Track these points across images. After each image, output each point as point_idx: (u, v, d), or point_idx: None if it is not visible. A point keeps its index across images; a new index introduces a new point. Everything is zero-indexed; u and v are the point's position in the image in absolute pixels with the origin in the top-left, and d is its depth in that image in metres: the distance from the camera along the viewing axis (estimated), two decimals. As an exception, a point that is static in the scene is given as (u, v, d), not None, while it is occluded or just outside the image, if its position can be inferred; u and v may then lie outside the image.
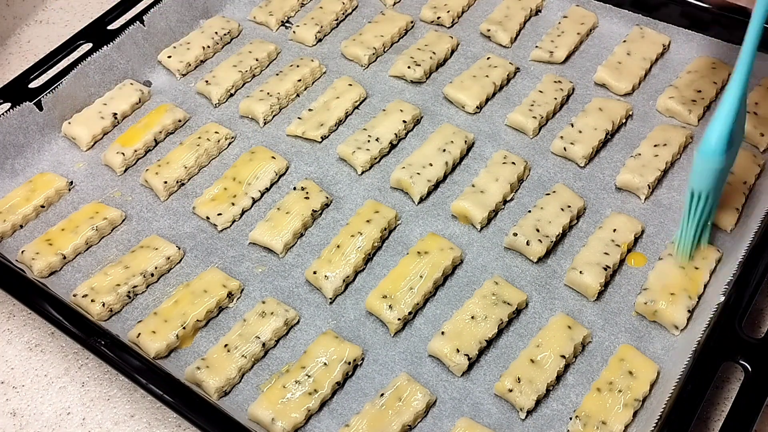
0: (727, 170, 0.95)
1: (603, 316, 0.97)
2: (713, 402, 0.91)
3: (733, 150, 0.93)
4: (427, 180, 1.10)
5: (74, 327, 0.93)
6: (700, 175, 0.93)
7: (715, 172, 0.92)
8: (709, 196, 0.94)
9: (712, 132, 0.90)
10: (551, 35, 1.28)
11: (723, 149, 0.90)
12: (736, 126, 0.91)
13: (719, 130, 0.90)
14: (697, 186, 0.94)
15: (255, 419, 0.89)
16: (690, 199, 0.95)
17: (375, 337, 0.97)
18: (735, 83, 0.89)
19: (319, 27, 1.33)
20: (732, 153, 0.93)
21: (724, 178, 0.97)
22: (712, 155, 0.91)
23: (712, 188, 0.94)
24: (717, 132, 0.90)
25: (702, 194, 0.94)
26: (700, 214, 0.96)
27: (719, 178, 0.94)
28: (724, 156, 0.91)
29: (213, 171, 1.16)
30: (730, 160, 0.94)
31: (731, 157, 0.94)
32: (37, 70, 1.22)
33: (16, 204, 1.10)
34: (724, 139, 0.90)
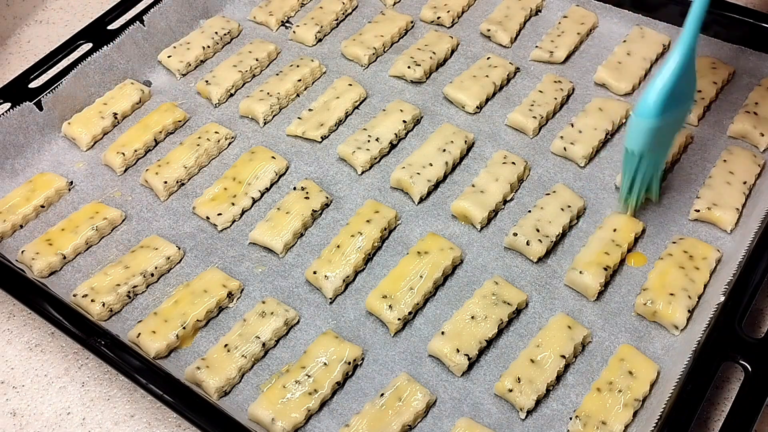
0: (669, 132, 0.97)
1: (603, 316, 0.97)
2: (713, 402, 0.91)
3: (674, 113, 0.94)
4: (427, 180, 1.10)
5: (74, 327, 0.93)
6: (634, 134, 0.95)
7: (648, 132, 0.94)
8: (644, 155, 0.96)
9: (647, 93, 0.92)
10: (551, 35, 1.28)
11: (656, 111, 0.91)
12: (678, 89, 0.91)
13: (654, 92, 0.91)
14: (631, 144, 0.96)
15: (255, 419, 0.89)
16: (626, 158, 0.98)
17: (375, 337, 0.97)
18: (678, 45, 0.90)
19: (319, 27, 1.33)
20: (674, 115, 0.94)
21: (667, 140, 0.99)
22: (644, 116, 0.92)
23: (647, 148, 0.96)
24: (652, 93, 0.91)
25: (635, 152, 0.96)
26: (634, 172, 0.98)
27: (654, 138, 0.95)
28: (657, 118, 0.92)
29: (213, 171, 1.16)
30: (672, 122, 0.95)
31: (673, 120, 0.95)
32: (37, 70, 1.22)
33: (16, 204, 1.10)
34: (659, 101, 0.91)
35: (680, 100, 0.94)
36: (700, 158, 1.12)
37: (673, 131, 0.99)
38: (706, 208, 1.04)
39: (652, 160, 0.99)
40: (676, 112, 0.95)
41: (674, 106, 0.93)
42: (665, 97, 0.91)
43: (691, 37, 0.90)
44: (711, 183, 1.07)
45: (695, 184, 1.09)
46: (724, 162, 1.08)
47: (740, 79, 1.21)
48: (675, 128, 0.99)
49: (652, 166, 0.99)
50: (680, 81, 0.91)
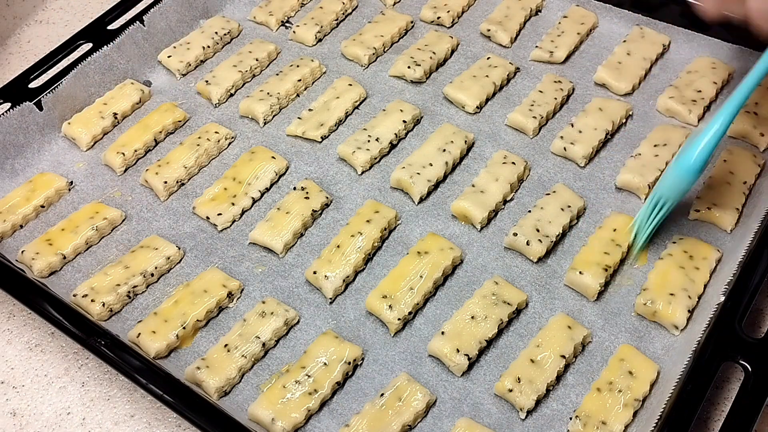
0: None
1: (603, 316, 0.97)
2: (713, 402, 0.91)
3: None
4: (427, 180, 1.10)
5: (74, 327, 0.93)
6: (675, 184, 0.96)
7: (687, 186, 0.96)
8: (672, 204, 0.98)
9: (694, 148, 0.93)
10: (551, 35, 1.28)
11: (701, 168, 0.93)
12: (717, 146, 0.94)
13: (703, 150, 0.93)
14: (669, 193, 0.97)
15: (255, 419, 0.89)
16: (659, 203, 0.98)
17: (375, 337, 0.97)
18: (730, 105, 0.92)
19: (319, 27, 1.33)
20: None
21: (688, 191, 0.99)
22: (689, 172, 0.94)
23: (677, 198, 0.97)
24: (701, 150, 0.93)
25: (667, 202, 0.97)
26: (656, 218, 0.99)
27: (687, 191, 0.97)
28: (699, 174, 0.94)
29: (213, 171, 1.16)
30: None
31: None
32: (37, 70, 1.22)
33: (16, 204, 1.10)
34: (705, 158, 0.93)
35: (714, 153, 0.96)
36: (700, 158, 1.12)
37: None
38: (706, 208, 1.04)
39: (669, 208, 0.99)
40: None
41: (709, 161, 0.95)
42: (710, 155, 0.93)
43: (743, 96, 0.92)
44: (711, 183, 1.07)
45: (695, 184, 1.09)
46: (724, 162, 1.08)
47: (740, 79, 1.21)
48: None
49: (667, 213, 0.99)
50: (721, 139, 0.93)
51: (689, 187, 0.96)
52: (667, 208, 0.98)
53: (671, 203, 0.98)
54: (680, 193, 0.97)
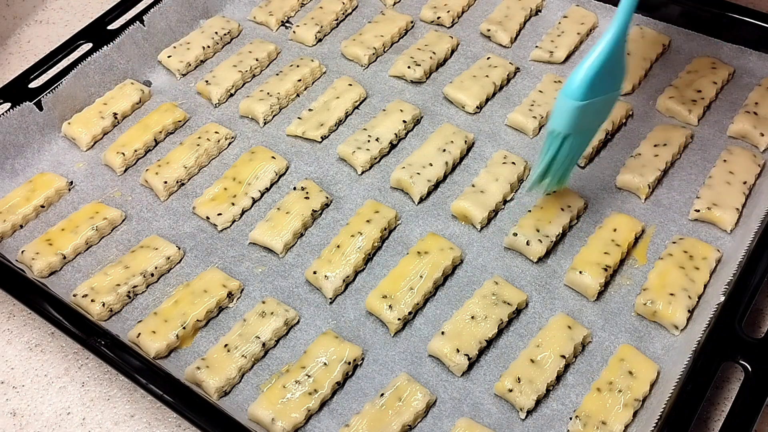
0: (594, 117, 0.97)
1: (603, 316, 0.97)
2: (713, 402, 0.91)
3: (602, 96, 0.93)
4: (427, 180, 1.10)
5: (74, 327, 0.93)
6: (559, 114, 0.94)
7: (574, 113, 0.92)
8: (567, 138, 0.95)
9: (575, 74, 0.91)
10: (551, 35, 1.28)
11: (583, 92, 0.90)
12: (606, 72, 0.91)
13: (582, 74, 0.90)
14: (556, 125, 0.95)
15: (255, 419, 0.89)
16: (548, 138, 0.96)
17: (375, 337, 0.97)
18: (610, 28, 0.90)
19: (319, 27, 1.33)
20: (601, 99, 0.94)
21: (592, 125, 0.98)
22: (570, 96, 0.91)
23: (571, 130, 0.94)
24: (579, 75, 0.90)
25: (560, 134, 0.95)
26: (555, 153, 0.97)
27: (580, 120, 0.94)
28: (583, 99, 0.91)
29: (213, 171, 1.16)
30: (598, 106, 0.95)
31: (600, 103, 0.95)
32: (37, 70, 1.22)
33: (16, 204, 1.10)
34: (586, 82, 0.90)
35: (608, 84, 0.93)
36: (700, 158, 1.12)
37: (599, 116, 0.99)
38: (706, 208, 1.04)
39: (575, 144, 0.97)
40: (603, 96, 0.94)
41: (602, 90, 0.92)
42: (592, 79, 0.90)
43: (622, 20, 0.89)
44: (711, 183, 1.07)
45: (695, 184, 1.09)
46: (724, 162, 1.09)
47: (740, 79, 1.21)
48: (601, 114, 0.99)
49: (573, 149, 0.98)
50: (609, 64, 0.90)
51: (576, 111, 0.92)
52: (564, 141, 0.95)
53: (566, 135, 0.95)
54: (570, 121, 0.93)
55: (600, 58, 0.90)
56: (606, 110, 0.99)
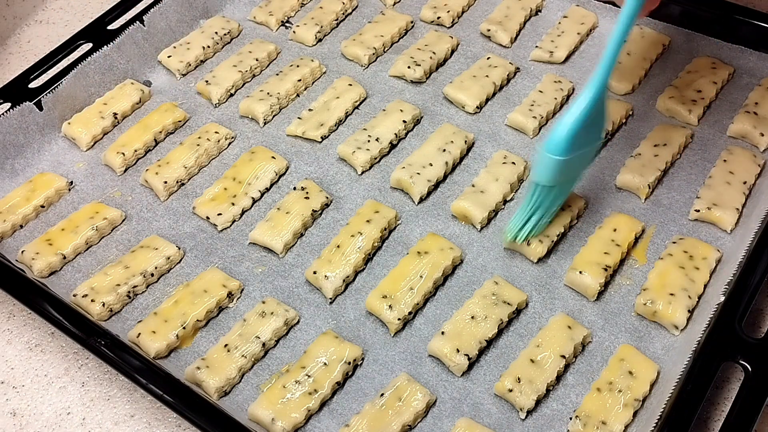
0: (576, 168, 0.99)
1: (603, 316, 0.97)
2: (713, 402, 0.91)
3: (584, 149, 0.96)
4: (427, 180, 1.10)
5: (74, 327, 0.93)
6: (543, 168, 0.95)
7: (557, 167, 0.94)
8: (551, 189, 0.97)
9: (557, 129, 0.92)
10: (551, 35, 1.28)
11: (566, 148, 0.92)
12: (588, 126, 0.93)
13: (564, 129, 0.91)
14: (539, 179, 0.96)
15: (255, 419, 0.89)
16: (532, 189, 0.97)
17: (375, 337, 0.97)
18: (590, 83, 0.91)
19: (319, 27, 1.33)
20: (583, 151, 0.96)
21: (573, 176, 1.00)
22: (553, 152, 0.93)
23: (554, 183, 0.96)
24: (561, 130, 0.91)
25: (545, 188, 0.96)
26: (538, 204, 0.98)
27: (562, 173, 0.96)
28: (566, 154, 0.93)
29: (213, 171, 1.16)
30: (580, 157, 0.96)
31: (582, 155, 0.96)
32: (37, 70, 1.22)
33: (16, 204, 1.10)
34: (569, 138, 0.91)
35: (590, 136, 0.95)
36: (700, 158, 1.12)
37: (580, 167, 1.00)
38: (706, 208, 1.04)
39: (558, 192, 0.99)
40: (585, 148, 0.96)
41: (584, 143, 0.95)
42: (575, 134, 0.92)
43: (603, 74, 0.91)
44: (711, 183, 1.07)
45: (695, 184, 1.09)
46: (724, 162, 1.08)
47: (740, 79, 1.21)
48: (583, 164, 1.00)
49: (556, 197, 0.99)
50: (591, 118, 0.92)
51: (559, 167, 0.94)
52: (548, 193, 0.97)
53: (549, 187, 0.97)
54: (553, 175, 0.95)
55: (582, 113, 0.91)
56: (588, 158, 1.00)
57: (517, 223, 1.00)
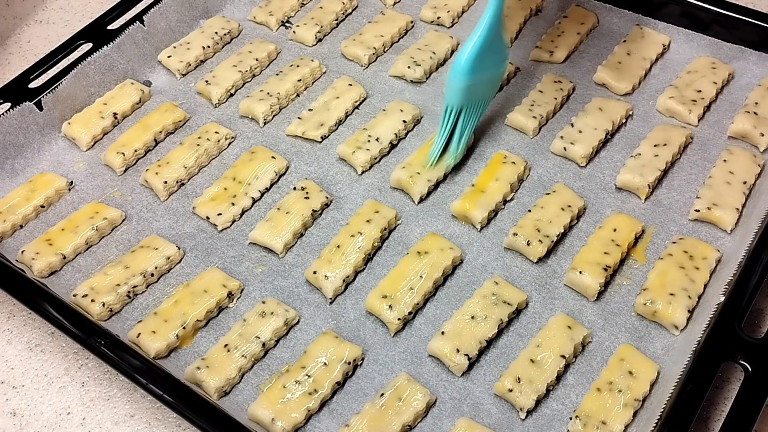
0: (483, 91, 1.10)
1: (603, 316, 0.97)
2: (713, 402, 0.91)
3: (487, 73, 1.08)
4: (427, 180, 1.10)
5: (74, 327, 0.93)
6: (450, 91, 1.07)
7: (462, 89, 1.06)
8: (461, 111, 1.08)
9: (460, 54, 1.04)
10: (551, 35, 1.28)
11: (468, 70, 1.04)
12: (488, 52, 1.05)
13: (465, 53, 1.04)
14: (449, 101, 1.07)
15: (255, 419, 0.89)
16: (444, 113, 1.08)
17: (375, 337, 0.97)
18: (485, 13, 1.03)
19: (319, 27, 1.33)
20: (486, 76, 1.09)
21: (481, 99, 1.11)
22: (457, 73, 1.05)
23: (463, 103, 1.07)
24: (463, 54, 1.04)
25: (453, 108, 1.07)
26: (451, 126, 1.09)
27: (469, 95, 1.07)
28: (469, 76, 1.04)
29: (213, 171, 1.16)
30: (485, 81, 1.09)
31: (487, 79, 1.09)
32: (37, 70, 1.22)
33: (16, 204, 1.10)
34: (470, 61, 1.04)
35: (492, 62, 1.08)
36: (700, 158, 1.12)
37: (487, 91, 1.12)
38: (706, 208, 1.04)
39: (469, 116, 1.09)
40: (488, 73, 1.09)
41: (486, 68, 1.07)
42: (475, 58, 1.04)
43: (496, 5, 1.02)
44: (711, 183, 1.07)
45: (695, 184, 1.09)
46: (724, 162, 1.09)
47: (740, 79, 1.21)
48: (489, 89, 1.12)
49: (468, 121, 1.10)
50: (490, 44, 1.04)
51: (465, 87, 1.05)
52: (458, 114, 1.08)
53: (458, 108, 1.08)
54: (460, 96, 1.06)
55: (481, 39, 1.03)
56: (494, 85, 1.14)
57: (437, 148, 1.10)
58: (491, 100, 1.15)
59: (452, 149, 1.10)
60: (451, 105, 1.07)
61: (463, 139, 1.10)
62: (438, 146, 1.09)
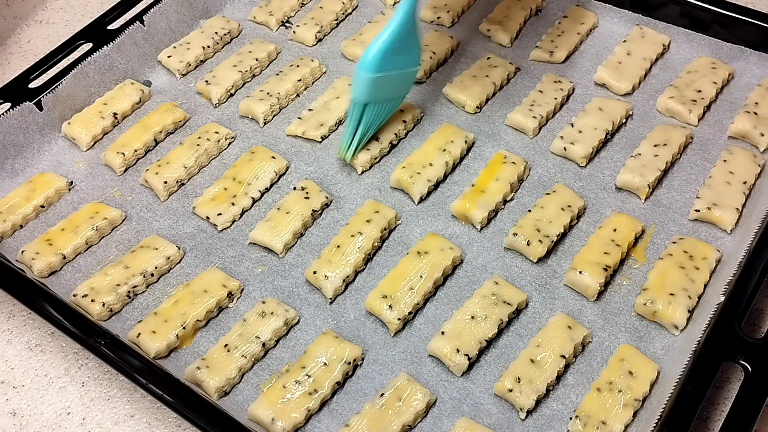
0: (390, 89, 1.10)
1: (603, 316, 0.97)
2: (713, 402, 0.91)
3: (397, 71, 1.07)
4: (427, 180, 1.10)
5: (74, 327, 0.93)
6: (356, 85, 1.07)
7: (368, 83, 1.05)
8: (367, 106, 1.08)
9: (368, 49, 1.04)
10: (551, 35, 1.28)
11: (375, 65, 1.04)
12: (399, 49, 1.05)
13: (374, 49, 1.03)
14: (354, 94, 1.08)
15: (255, 419, 0.89)
16: (351, 107, 1.08)
17: (375, 337, 0.97)
18: (398, 9, 1.03)
19: (319, 27, 1.33)
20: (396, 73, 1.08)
21: (389, 96, 1.11)
22: (363, 68, 1.04)
23: (368, 99, 1.07)
24: (371, 49, 1.04)
25: (358, 103, 1.07)
26: (357, 120, 1.09)
27: (375, 90, 1.07)
28: (375, 71, 1.04)
29: (213, 171, 1.16)
30: (394, 80, 1.08)
31: (396, 78, 1.09)
32: (37, 70, 1.22)
33: (16, 204, 1.10)
34: (378, 57, 1.03)
35: (403, 60, 1.08)
36: (700, 158, 1.12)
37: (398, 89, 1.12)
38: (706, 208, 1.04)
39: (376, 112, 1.10)
40: (398, 71, 1.08)
41: (396, 65, 1.06)
42: (383, 54, 1.03)
43: (409, 3, 1.02)
44: (711, 183, 1.07)
45: (695, 184, 1.09)
46: (724, 162, 1.09)
47: (740, 79, 1.21)
48: (400, 87, 1.12)
49: (374, 116, 1.10)
50: (400, 42, 1.04)
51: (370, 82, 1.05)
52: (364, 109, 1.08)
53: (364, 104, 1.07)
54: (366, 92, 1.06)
55: (391, 36, 1.03)
56: (405, 85, 1.13)
57: (345, 140, 1.11)
58: (400, 102, 1.15)
59: (344, 144, 1.11)
60: (355, 99, 1.08)
61: (356, 138, 1.10)
62: (345, 140, 1.11)
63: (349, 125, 1.10)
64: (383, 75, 1.05)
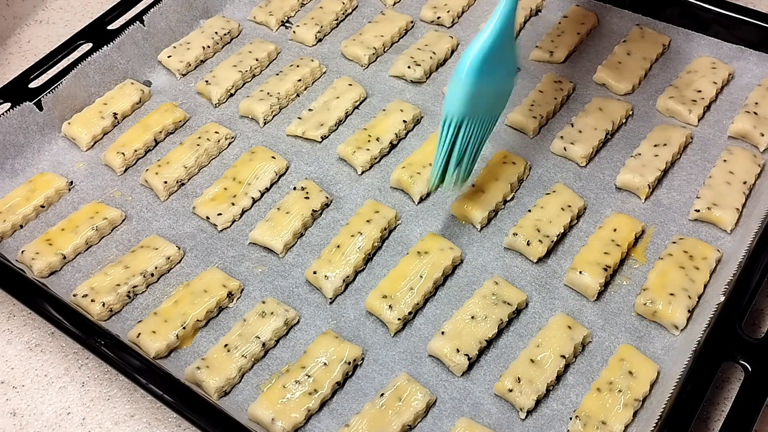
0: (489, 104, 0.96)
1: (603, 316, 0.97)
2: (713, 402, 0.91)
3: (495, 81, 0.93)
4: (427, 179, 1.10)
5: (74, 327, 0.93)
6: (451, 97, 0.92)
7: (467, 95, 0.91)
8: (462, 125, 0.93)
9: (464, 55, 0.90)
10: (551, 35, 1.28)
11: (474, 72, 0.90)
12: (498, 56, 0.91)
13: (472, 54, 0.89)
14: (449, 108, 0.93)
15: (255, 419, 0.89)
16: (443, 126, 0.94)
17: (375, 337, 0.97)
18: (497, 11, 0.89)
19: (319, 27, 1.33)
20: (494, 84, 0.94)
21: (487, 115, 0.97)
22: (464, 75, 0.90)
23: (465, 113, 0.93)
24: (469, 55, 0.89)
25: (454, 120, 0.93)
26: (450, 142, 0.95)
27: (473, 104, 0.92)
28: (475, 79, 0.90)
29: (213, 171, 1.16)
30: (492, 92, 0.94)
31: (494, 90, 0.95)
32: (37, 70, 1.22)
33: (16, 204, 1.10)
34: (477, 63, 0.89)
35: (501, 69, 0.94)
36: (700, 158, 1.12)
37: (494, 105, 0.98)
38: (706, 208, 1.04)
39: (472, 132, 0.95)
40: (496, 82, 0.94)
41: (495, 74, 0.92)
42: (483, 60, 0.89)
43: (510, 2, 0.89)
44: (711, 183, 1.07)
45: (695, 184, 1.09)
46: (724, 162, 1.09)
47: (740, 79, 1.21)
48: (497, 103, 0.98)
49: (471, 138, 0.96)
50: (500, 47, 0.90)
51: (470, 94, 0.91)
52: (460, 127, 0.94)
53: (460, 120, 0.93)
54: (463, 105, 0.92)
55: (489, 40, 0.89)
56: (501, 102, 0.99)
57: (437, 166, 0.97)
58: (495, 123, 1.00)
59: (434, 173, 0.98)
60: (451, 115, 0.93)
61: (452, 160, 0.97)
62: (437, 168, 0.97)
63: (442, 149, 0.95)
64: (483, 85, 0.91)
